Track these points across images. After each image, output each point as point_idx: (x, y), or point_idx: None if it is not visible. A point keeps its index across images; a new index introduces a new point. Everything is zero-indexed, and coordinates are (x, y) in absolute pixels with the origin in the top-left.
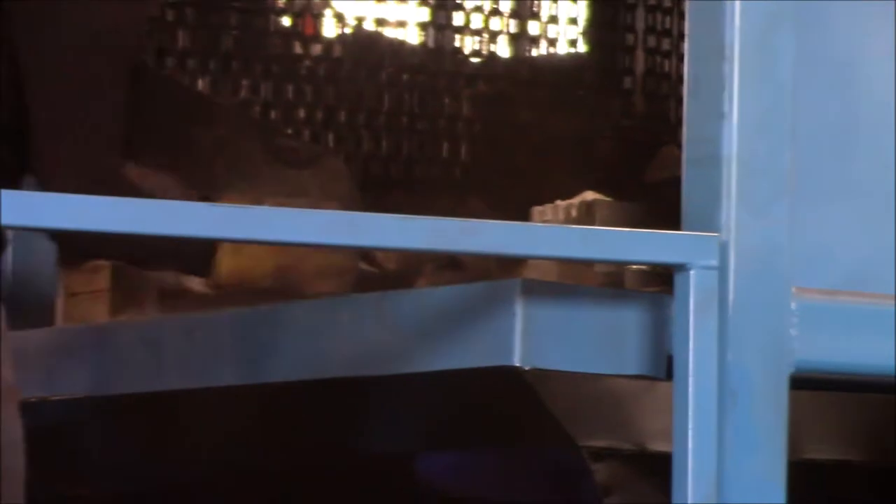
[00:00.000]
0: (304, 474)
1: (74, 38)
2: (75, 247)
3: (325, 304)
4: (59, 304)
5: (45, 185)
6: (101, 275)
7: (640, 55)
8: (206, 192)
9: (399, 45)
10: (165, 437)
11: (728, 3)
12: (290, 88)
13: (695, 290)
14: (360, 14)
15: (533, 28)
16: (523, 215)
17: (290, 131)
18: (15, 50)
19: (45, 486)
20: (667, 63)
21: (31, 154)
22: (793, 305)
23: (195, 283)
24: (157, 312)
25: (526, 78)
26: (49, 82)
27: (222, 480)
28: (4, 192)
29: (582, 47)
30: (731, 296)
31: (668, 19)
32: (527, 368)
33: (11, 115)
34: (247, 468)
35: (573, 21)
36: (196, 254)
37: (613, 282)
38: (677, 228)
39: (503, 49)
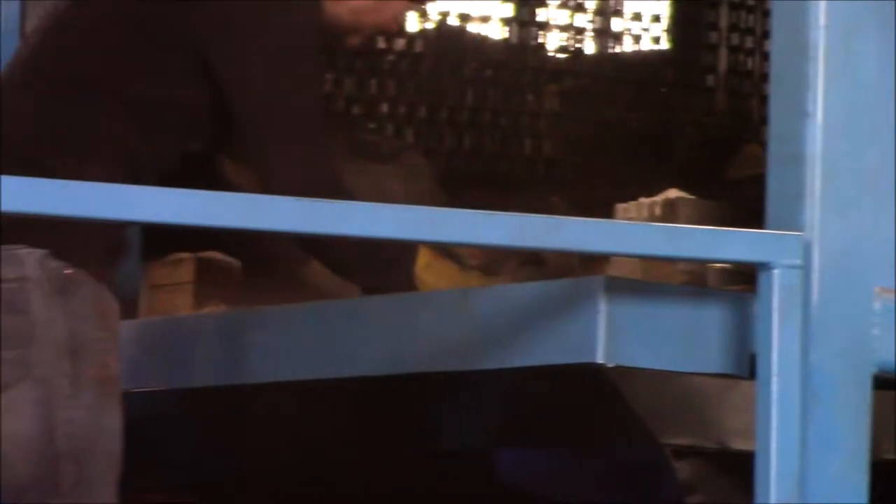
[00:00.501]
0: (380, 468)
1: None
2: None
3: (406, 299)
4: (142, 296)
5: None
6: (183, 267)
7: (722, 53)
8: None
9: (482, 41)
10: (243, 430)
11: (812, 3)
12: (373, 83)
13: (778, 290)
14: (443, 9)
15: (616, 25)
16: (604, 212)
17: (372, 126)
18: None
19: (126, 476)
20: (749, 61)
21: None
22: (875, 305)
23: None
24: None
25: (609, 75)
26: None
27: (298, 473)
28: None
29: (665, 44)
30: (814, 295)
31: (751, 17)
32: (610, 366)
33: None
34: (323, 462)
35: (656, 18)
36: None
37: (697, 280)
38: (758, 227)
39: (587, 46)
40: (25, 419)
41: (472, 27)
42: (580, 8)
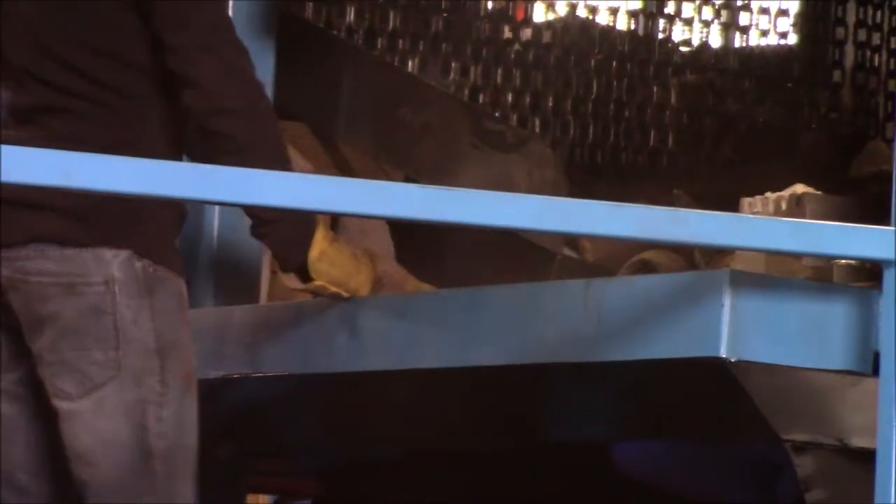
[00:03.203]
0: (500, 458)
1: None
2: None
3: (529, 289)
4: (263, 280)
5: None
6: None
7: (849, 49)
8: (412, 173)
9: (609, 33)
10: (362, 418)
11: None
12: (499, 72)
13: None
14: (571, 0)
15: (743, 18)
16: (727, 205)
17: (497, 115)
18: None
19: (245, 460)
20: (876, 57)
21: None
22: None
23: None
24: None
25: (734, 68)
26: None
27: (416, 461)
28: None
29: (792, 39)
30: None
31: (878, 13)
32: (732, 360)
33: None
34: (442, 450)
35: (783, 13)
36: None
37: (821, 276)
38: (883, 223)
39: (713, 39)
40: (117, 419)
41: (600, 19)
42: (707, 1)
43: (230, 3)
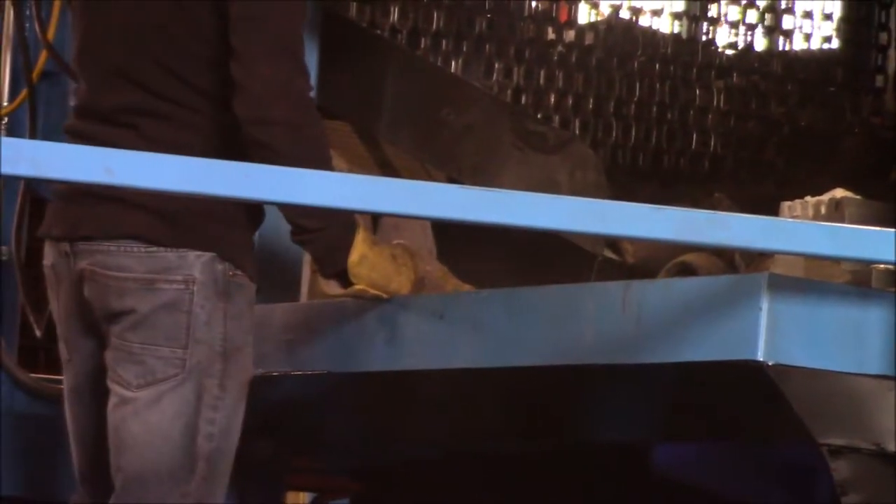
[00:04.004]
0: (537, 459)
1: None
2: None
3: (569, 290)
4: (304, 279)
5: None
6: None
7: (893, 54)
8: (454, 174)
9: (652, 35)
10: (402, 417)
11: None
12: (542, 74)
13: None
14: (615, 2)
15: (787, 22)
16: (769, 209)
17: (539, 116)
18: None
19: (283, 458)
20: None
21: None
22: None
23: None
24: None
25: (778, 72)
26: None
27: (454, 461)
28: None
29: (835, 44)
30: None
31: None
32: (770, 363)
33: None
34: (480, 451)
35: (827, 17)
36: None
37: (860, 280)
38: None
39: (756, 42)
40: (170, 415)
41: (643, 21)
42: (751, 4)
43: None
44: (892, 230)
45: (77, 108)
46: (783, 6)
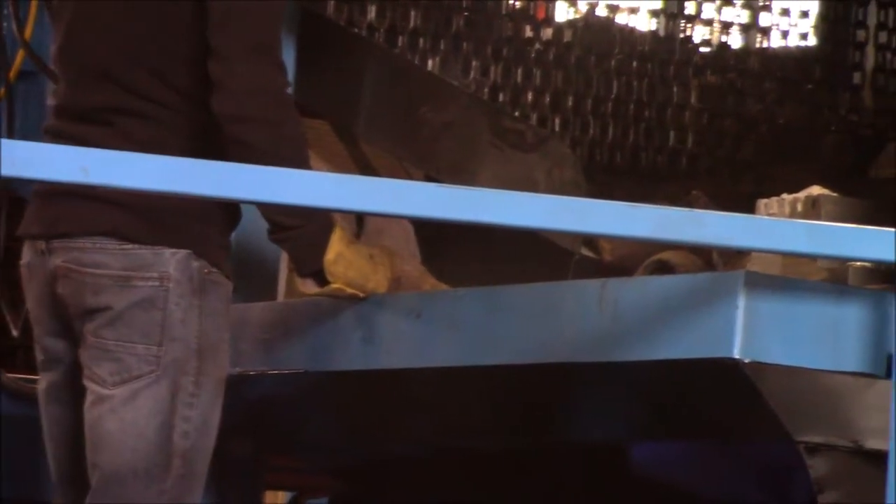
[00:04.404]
0: (515, 457)
1: None
2: None
3: (547, 288)
4: (281, 278)
5: None
6: None
7: (870, 51)
8: (432, 172)
9: (629, 33)
10: (379, 415)
11: None
12: (519, 71)
13: None
14: (592, 0)
15: (764, 20)
16: (745, 207)
17: (517, 114)
18: None
19: (262, 457)
20: None
21: None
22: None
23: None
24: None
25: (755, 70)
26: None
27: (432, 459)
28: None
29: (812, 41)
30: None
31: None
32: (746, 361)
33: None
34: (458, 449)
35: (804, 14)
36: None
37: (836, 278)
38: None
39: (733, 40)
40: (146, 412)
41: (620, 18)
42: (728, 2)
43: None
44: (867, 227)
45: (56, 108)
46: (760, 4)
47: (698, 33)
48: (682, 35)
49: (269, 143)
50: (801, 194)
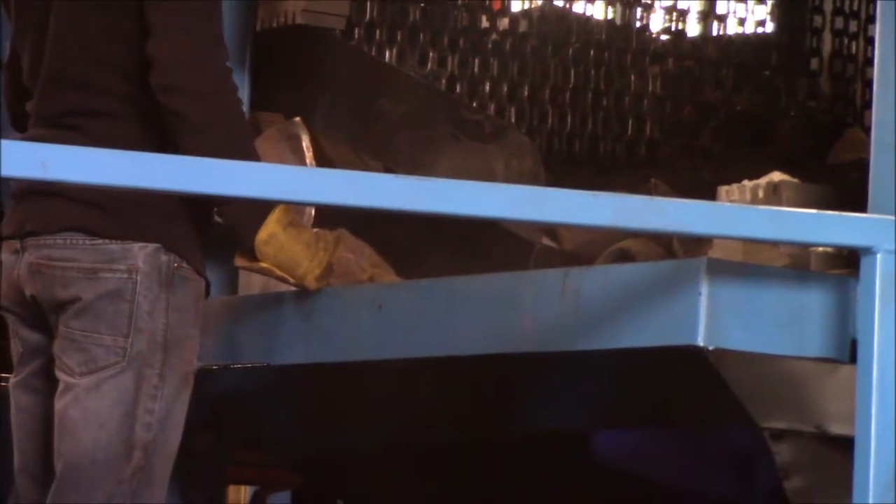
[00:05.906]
0: (478, 448)
1: None
2: None
3: (508, 278)
4: (241, 272)
5: None
6: None
7: (827, 37)
8: (390, 164)
9: (586, 22)
10: (341, 407)
11: None
12: (476, 62)
13: (881, 274)
14: None
15: (721, 7)
16: (706, 194)
17: (475, 105)
18: None
19: (224, 452)
20: (854, 45)
21: None
22: None
23: None
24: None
25: (713, 57)
26: None
27: (396, 451)
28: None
29: (769, 27)
30: None
31: (856, 1)
32: (710, 348)
33: None
34: (421, 440)
35: (761, 1)
36: None
37: (799, 263)
38: (862, 211)
39: (690, 27)
40: (109, 402)
41: (577, 7)
42: None
43: None
44: (830, 213)
45: (31, 118)
46: None
47: (655, 21)
48: (638, 23)
49: (203, 115)
50: (762, 181)
